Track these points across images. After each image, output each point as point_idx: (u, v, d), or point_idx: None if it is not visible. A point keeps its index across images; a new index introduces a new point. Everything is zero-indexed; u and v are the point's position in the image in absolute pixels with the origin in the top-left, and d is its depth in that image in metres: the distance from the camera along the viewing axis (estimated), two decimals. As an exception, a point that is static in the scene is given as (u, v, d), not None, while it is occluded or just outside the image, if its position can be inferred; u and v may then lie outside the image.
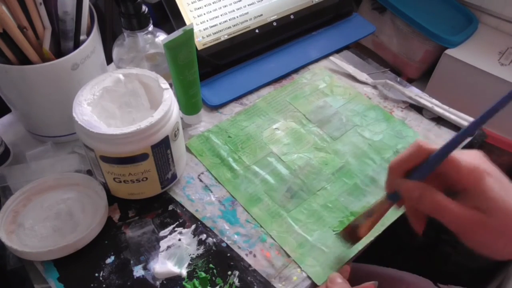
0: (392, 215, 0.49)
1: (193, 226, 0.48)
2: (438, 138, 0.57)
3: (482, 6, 0.80)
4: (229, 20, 0.62)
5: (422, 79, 0.86)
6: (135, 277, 0.44)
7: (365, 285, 0.43)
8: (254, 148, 0.55)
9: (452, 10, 0.83)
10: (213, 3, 0.60)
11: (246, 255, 0.46)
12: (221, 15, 0.61)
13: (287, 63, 0.65)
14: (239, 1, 0.62)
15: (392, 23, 0.84)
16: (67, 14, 0.46)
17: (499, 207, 0.34)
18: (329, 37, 0.70)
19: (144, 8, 0.51)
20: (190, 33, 0.48)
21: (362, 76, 0.64)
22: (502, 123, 0.75)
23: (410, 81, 0.87)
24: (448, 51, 0.76)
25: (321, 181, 0.52)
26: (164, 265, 0.44)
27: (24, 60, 0.46)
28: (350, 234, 0.44)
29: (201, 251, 0.46)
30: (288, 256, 0.46)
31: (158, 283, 0.43)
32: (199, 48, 0.59)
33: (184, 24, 0.58)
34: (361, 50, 0.73)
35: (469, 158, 0.36)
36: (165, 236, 0.47)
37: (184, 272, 0.44)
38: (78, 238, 0.43)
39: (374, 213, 0.42)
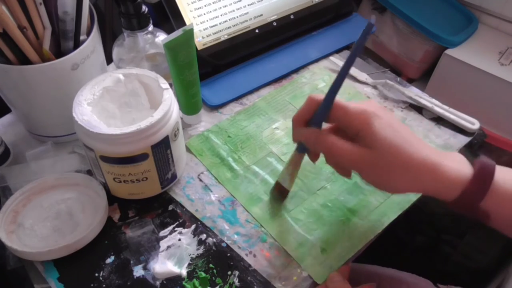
0: (392, 214, 0.49)
1: (193, 226, 0.48)
2: (438, 138, 0.57)
3: (482, 6, 0.80)
4: (229, 20, 0.62)
5: (422, 79, 0.86)
6: (135, 277, 0.44)
7: (364, 286, 0.43)
8: (254, 147, 0.55)
9: (452, 10, 0.83)
10: (213, 3, 0.60)
11: (246, 255, 0.46)
12: (221, 15, 0.61)
13: (287, 63, 0.65)
14: (239, 1, 0.62)
15: (392, 23, 0.84)
16: (67, 14, 0.46)
17: (384, 143, 0.38)
18: (329, 37, 0.70)
19: (144, 8, 0.51)
20: (190, 33, 0.48)
21: (362, 76, 0.64)
22: (502, 123, 0.75)
23: (410, 81, 0.87)
24: (448, 51, 0.76)
25: (321, 181, 0.52)
26: (164, 265, 0.44)
27: (24, 60, 0.46)
28: (279, 191, 0.49)
29: (201, 251, 0.46)
30: (288, 255, 0.46)
31: (158, 283, 0.43)
32: (199, 48, 0.59)
33: (184, 24, 0.58)
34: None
35: (358, 104, 0.40)
36: (165, 236, 0.47)
37: (184, 272, 0.44)
38: (78, 238, 0.43)
39: (291, 167, 0.47)
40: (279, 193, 0.49)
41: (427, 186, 0.39)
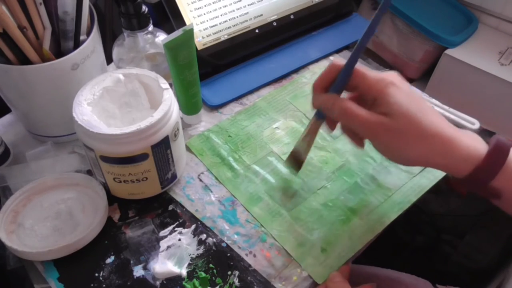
0: (392, 214, 0.49)
1: (193, 226, 0.48)
2: (438, 138, 0.57)
3: (482, 6, 0.80)
4: (229, 20, 0.62)
5: (422, 79, 0.86)
6: (135, 277, 0.44)
7: (364, 286, 0.43)
8: (255, 147, 0.55)
9: (452, 10, 0.83)
10: (213, 3, 0.60)
11: (246, 255, 0.46)
12: (221, 15, 0.61)
13: (287, 63, 0.65)
14: (239, 1, 0.62)
15: (392, 23, 0.84)
16: (67, 14, 0.46)
17: (400, 110, 0.38)
18: (329, 37, 0.70)
19: (144, 8, 0.51)
20: (190, 33, 0.48)
21: (362, 76, 0.64)
22: (502, 123, 0.75)
23: (410, 81, 0.87)
24: (448, 51, 0.76)
25: (321, 180, 0.52)
26: (164, 265, 0.44)
27: (24, 60, 0.46)
28: (294, 159, 0.49)
29: (201, 251, 0.46)
30: (289, 255, 0.46)
31: (158, 283, 0.43)
32: (199, 48, 0.59)
33: (184, 24, 0.58)
34: (361, 50, 0.73)
35: (378, 73, 0.40)
36: (165, 236, 0.47)
37: (184, 272, 0.44)
38: (78, 238, 0.43)
39: (309, 134, 0.46)
40: (295, 162, 0.49)
41: (439, 159, 0.39)
